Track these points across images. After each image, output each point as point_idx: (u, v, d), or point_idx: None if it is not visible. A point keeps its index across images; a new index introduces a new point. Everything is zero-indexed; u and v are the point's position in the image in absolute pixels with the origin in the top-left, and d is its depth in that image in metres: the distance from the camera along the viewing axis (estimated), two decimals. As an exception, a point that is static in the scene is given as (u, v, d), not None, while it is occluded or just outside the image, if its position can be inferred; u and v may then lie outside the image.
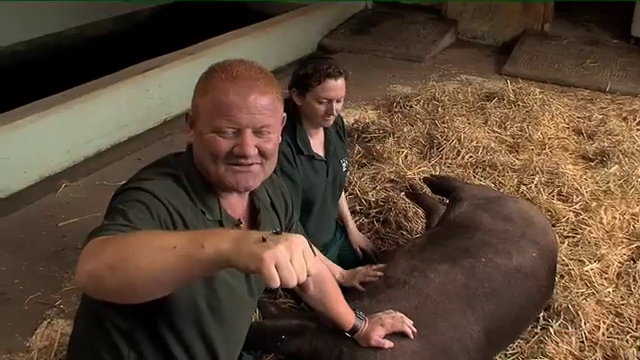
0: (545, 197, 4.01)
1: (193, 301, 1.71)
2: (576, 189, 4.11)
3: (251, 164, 1.73)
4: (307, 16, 7.50)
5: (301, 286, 1.34)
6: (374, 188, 4.15)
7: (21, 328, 3.05)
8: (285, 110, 3.11)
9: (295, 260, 1.25)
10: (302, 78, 2.97)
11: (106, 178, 4.47)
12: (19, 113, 4.49)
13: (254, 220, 1.89)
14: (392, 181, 4.26)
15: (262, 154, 1.73)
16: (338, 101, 2.99)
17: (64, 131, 4.67)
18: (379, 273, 2.75)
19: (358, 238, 3.52)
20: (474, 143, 4.71)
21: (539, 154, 4.67)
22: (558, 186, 4.13)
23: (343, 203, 3.57)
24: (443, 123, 4.99)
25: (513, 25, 7.77)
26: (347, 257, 3.33)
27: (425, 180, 3.87)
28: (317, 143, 3.16)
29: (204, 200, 1.74)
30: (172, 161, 1.81)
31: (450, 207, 3.23)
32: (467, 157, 4.59)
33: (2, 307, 3.21)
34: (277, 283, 1.23)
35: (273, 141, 1.75)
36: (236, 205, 1.84)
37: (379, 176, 4.28)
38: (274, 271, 1.22)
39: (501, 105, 5.45)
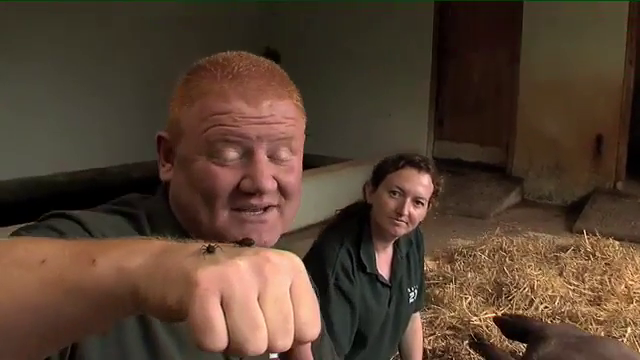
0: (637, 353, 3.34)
1: None
2: (678, 344, 3.44)
3: (267, 208, 1.14)
4: (363, 166, 7.20)
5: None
6: (432, 334, 3.56)
7: None
8: (352, 213, 2.65)
9: (269, 297, 0.64)
10: (380, 166, 2.46)
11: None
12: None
13: None
14: (453, 328, 3.67)
15: (282, 191, 1.15)
16: (417, 202, 2.39)
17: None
18: None
19: None
20: (549, 292, 4.13)
21: (626, 307, 4.03)
22: (656, 340, 3.46)
23: (413, 346, 2.91)
24: (513, 271, 4.42)
25: (583, 184, 7.33)
26: None
27: (497, 320, 3.26)
28: (383, 262, 2.55)
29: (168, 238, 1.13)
30: (135, 202, 1.22)
31: (532, 347, 2.62)
32: (542, 307, 3.98)
33: None
34: (213, 344, 0.62)
35: (296, 171, 1.17)
36: None
37: (438, 321, 3.71)
38: (212, 313, 0.62)
39: (577, 256, 4.90)
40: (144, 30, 7.88)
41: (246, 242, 0.74)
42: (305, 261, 2.03)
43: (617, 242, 5.16)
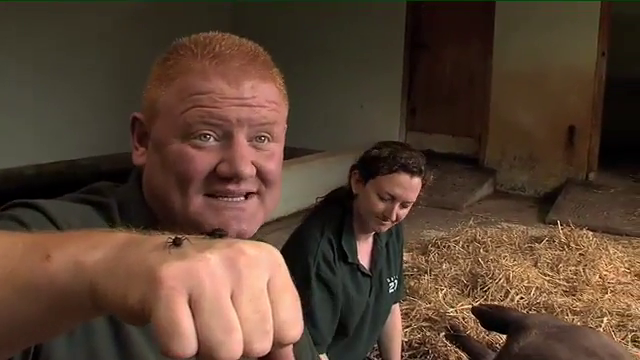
0: (618, 342, 3.31)
1: None
2: (655, 335, 3.41)
3: (246, 195, 1.06)
4: (335, 157, 7.13)
5: None
6: (408, 326, 3.49)
7: None
8: (335, 200, 2.53)
9: (244, 294, 0.56)
10: (372, 160, 2.33)
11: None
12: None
13: None
14: (429, 319, 3.60)
15: (262, 178, 1.07)
16: (404, 205, 2.33)
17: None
18: None
19: None
20: (525, 283, 4.08)
21: (601, 297, 4.00)
22: (632, 330, 3.43)
23: (393, 338, 2.84)
24: (487, 262, 4.37)
25: (555, 175, 7.34)
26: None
27: (475, 311, 3.18)
28: (364, 251, 2.48)
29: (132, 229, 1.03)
30: (106, 190, 1.13)
31: (513, 338, 2.54)
32: (517, 298, 3.93)
33: None
34: (181, 349, 0.54)
35: (277, 158, 1.09)
36: None
37: (414, 313, 3.64)
38: (179, 314, 0.54)
39: (552, 247, 4.87)
40: (114, 21, 7.72)
41: (217, 233, 0.65)
42: (285, 250, 1.92)
43: (591, 233, 5.14)
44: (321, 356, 2.23)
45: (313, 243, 2.30)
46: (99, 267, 0.62)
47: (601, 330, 3.44)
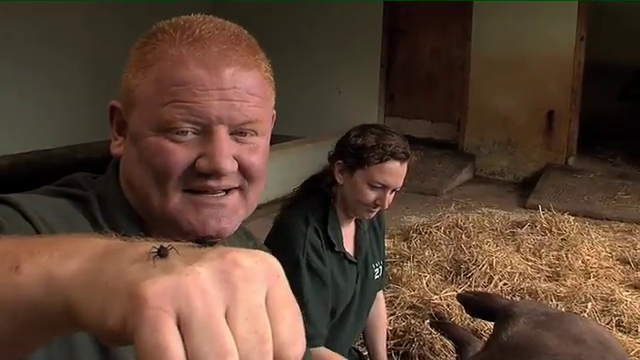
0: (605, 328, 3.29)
1: None
2: (638, 319, 3.40)
3: (227, 191, 1.00)
4: (314, 144, 7.06)
5: None
6: (392, 314, 3.44)
7: None
8: (314, 188, 2.44)
9: (240, 312, 0.50)
10: (359, 150, 2.26)
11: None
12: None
13: None
14: (414, 307, 3.56)
15: (245, 173, 1.01)
16: (393, 191, 2.30)
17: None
18: None
19: None
20: (508, 269, 4.06)
21: (585, 282, 3.99)
22: (617, 315, 3.42)
23: (378, 328, 2.78)
24: (470, 248, 4.34)
25: (535, 160, 7.32)
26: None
27: (460, 298, 3.15)
28: (348, 238, 2.43)
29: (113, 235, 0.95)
30: (83, 182, 1.07)
31: (501, 326, 2.51)
32: (501, 284, 3.90)
33: None
34: None
35: (261, 151, 1.03)
36: None
37: (398, 300, 3.59)
38: (167, 338, 0.48)
39: (534, 232, 4.86)
40: (87, 8, 7.55)
41: (207, 240, 0.60)
42: (268, 244, 1.82)
43: (572, 217, 5.12)
44: (320, 349, 2.20)
45: (299, 234, 2.25)
46: (75, 281, 0.55)
47: (585, 315, 3.42)
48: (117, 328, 0.51)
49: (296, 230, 2.26)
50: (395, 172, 2.26)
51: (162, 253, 0.53)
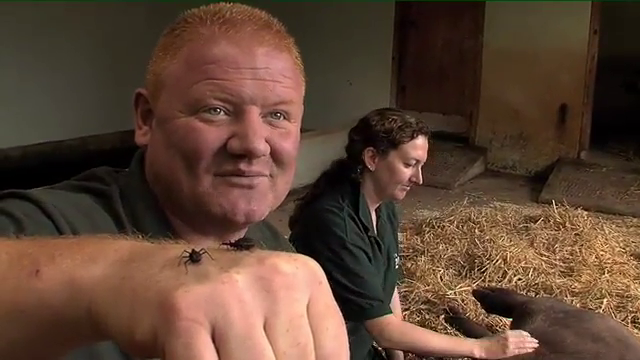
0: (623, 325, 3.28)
1: None
2: (655, 315, 3.39)
3: (257, 175, 0.96)
4: (326, 136, 7.04)
5: None
6: (406, 309, 3.44)
7: None
8: (339, 177, 2.48)
9: (280, 323, 0.47)
10: (388, 132, 2.34)
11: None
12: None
13: None
14: (428, 302, 3.56)
15: (276, 158, 0.97)
16: (421, 167, 2.43)
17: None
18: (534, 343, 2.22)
19: None
20: (522, 264, 4.04)
21: (599, 278, 3.97)
22: (632, 311, 3.41)
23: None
24: (484, 242, 4.32)
25: (547, 154, 7.29)
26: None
27: (476, 293, 3.13)
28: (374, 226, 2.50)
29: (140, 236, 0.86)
30: (105, 176, 1.02)
31: (518, 323, 2.51)
32: (515, 279, 3.89)
33: None
34: None
35: (293, 137, 1.00)
36: None
37: (412, 295, 3.59)
38: (201, 352, 0.45)
39: (547, 227, 4.83)
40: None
41: (243, 244, 0.53)
42: (304, 235, 1.84)
43: (585, 212, 5.11)
44: (388, 316, 2.29)
45: (337, 219, 2.31)
46: (99, 287, 0.51)
47: (601, 312, 3.42)
48: (146, 340, 0.47)
49: (334, 215, 2.32)
50: (424, 146, 2.40)
51: (194, 258, 0.49)
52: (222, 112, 0.93)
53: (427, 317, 3.39)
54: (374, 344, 2.70)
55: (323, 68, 8.36)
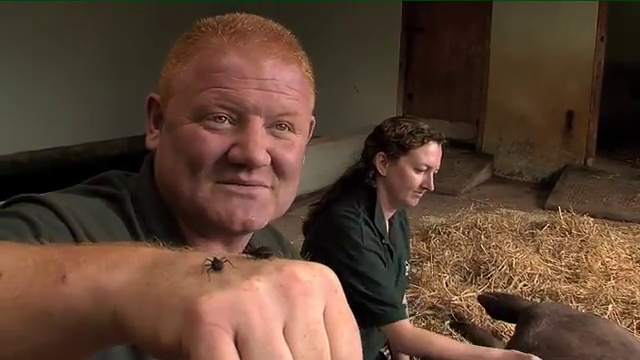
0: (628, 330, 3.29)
1: None
2: (660, 322, 3.40)
3: (258, 185, 0.98)
4: (332, 143, 7.06)
5: None
6: (412, 315, 3.45)
7: None
8: (354, 183, 2.51)
9: (298, 329, 0.49)
10: (399, 137, 2.36)
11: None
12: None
13: None
14: (434, 307, 3.57)
15: (277, 169, 0.99)
16: (433, 174, 2.43)
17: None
18: None
19: None
20: (528, 270, 4.05)
21: (605, 284, 3.98)
22: (638, 318, 3.42)
23: None
24: (489, 248, 4.33)
25: (553, 160, 7.30)
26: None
27: (482, 299, 3.14)
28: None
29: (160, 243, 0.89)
30: (117, 180, 1.05)
31: (523, 328, 2.52)
32: (521, 285, 3.90)
33: None
34: None
35: (297, 148, 1.00)
36: None
37: (418, 301, 3.60)
38: (224, 356, 0.47)
39: (553, 233, 4.83)
40: (110, 4, 7.59)
41: (263, 252, 0.56)
42: (320, 240, 1.88)
43: (591, 219, 5.11)
44: (402, 322, 2.29)
45: (354, 224, 2.33)
46: (124, 293, 0.54)
47: (606, 318, 3.42)
48: (171, 345, 0.50)
49: (350, 220, 2.34)
50: (436, 152, 2.39)
51: (216, 266, 0.52)
52: (227, 121, 0.95)
53: (432, 322, 3.41)
54: (381, 349, 2.71)
55: (330, 74, 8.37)
